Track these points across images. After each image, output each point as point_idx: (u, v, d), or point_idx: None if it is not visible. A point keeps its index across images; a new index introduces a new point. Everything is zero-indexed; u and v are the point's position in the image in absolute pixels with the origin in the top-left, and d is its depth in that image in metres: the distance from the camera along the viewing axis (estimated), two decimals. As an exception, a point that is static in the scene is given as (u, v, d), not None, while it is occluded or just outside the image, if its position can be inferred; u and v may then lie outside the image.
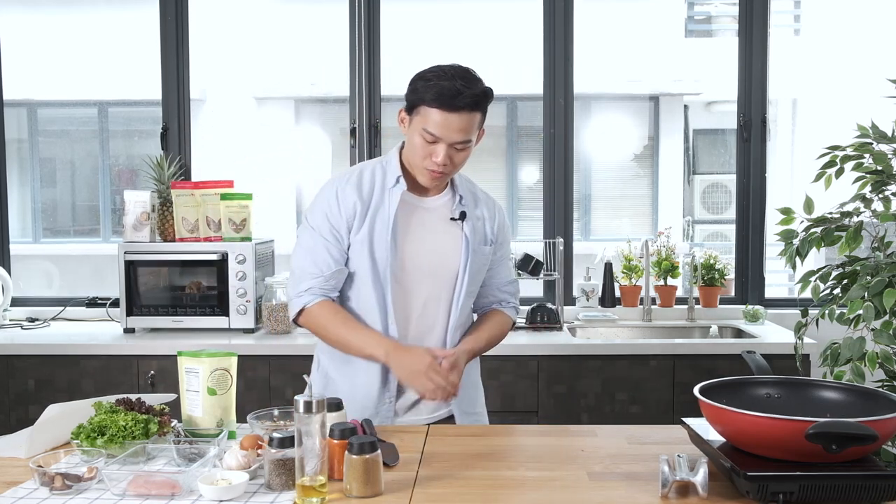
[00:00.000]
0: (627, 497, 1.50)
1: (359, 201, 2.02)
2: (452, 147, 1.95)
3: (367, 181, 2.05)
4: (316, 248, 2.03)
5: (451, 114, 1.91)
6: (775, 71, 3.82)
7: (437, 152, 1.95)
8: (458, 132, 1.93)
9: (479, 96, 1.94)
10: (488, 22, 5.70)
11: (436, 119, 1.92)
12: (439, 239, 2.07)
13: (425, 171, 1.99)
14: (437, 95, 1.91)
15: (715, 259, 3.75)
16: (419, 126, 1.95)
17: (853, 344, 2.51)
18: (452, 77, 1.92)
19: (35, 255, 5.76)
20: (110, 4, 5.74)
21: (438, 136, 1.93)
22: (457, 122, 1.92)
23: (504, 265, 2.24)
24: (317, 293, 2.03)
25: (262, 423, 1.83)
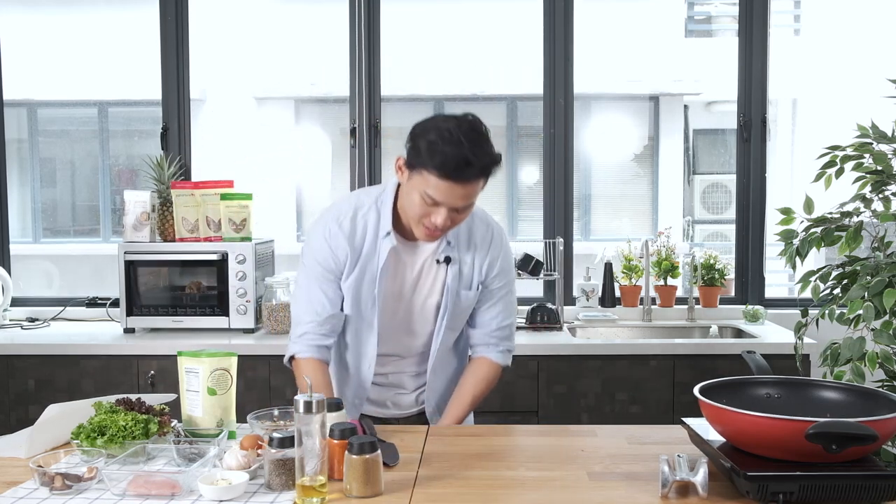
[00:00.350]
0: (627, 497, 1.50)
1: (349, 250, 1.99)
2: (454, 210, 1.87)
3: (359, 228, 2.00)
4: (311, 292, 2.03)
5: (457, 183, 1.81)
6: (775, 71, 3.82)
7: (437, 214, 1.86)
8: (462, 199, 1.84)
9: (489, 166, 1.84)
10: (488, 22, 5.70)
11: (440, 187, 1.81)
12: (420, 281, 2.05)
13: (421, 228, 1.91)
14: (442, 164, 1.79)
15: (715, 259, 3.75)
16: (419, 187, 1.84)
17: (853, 344, 2.51)
18: (459, 143, 1.79)
19: (35, 255, 5.76)
20: (110, 4, 5.74)
21: (441, 201, 1.84)
22: (462, 190, 1.83)
23: (495, 305, 2.12)
24: (310, 342, 2.02)
25: (262, 423, 1.83)
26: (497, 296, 2.12)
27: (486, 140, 1.85)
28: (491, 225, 2.11)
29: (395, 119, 4.92)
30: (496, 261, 2.09)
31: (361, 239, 2.00)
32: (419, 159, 1.82)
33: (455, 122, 1.83)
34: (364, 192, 2.07)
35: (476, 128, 1.84)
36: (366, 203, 2.02)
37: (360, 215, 2.01)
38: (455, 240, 2.03)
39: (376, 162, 3.83)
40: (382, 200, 2.01)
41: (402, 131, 2.01)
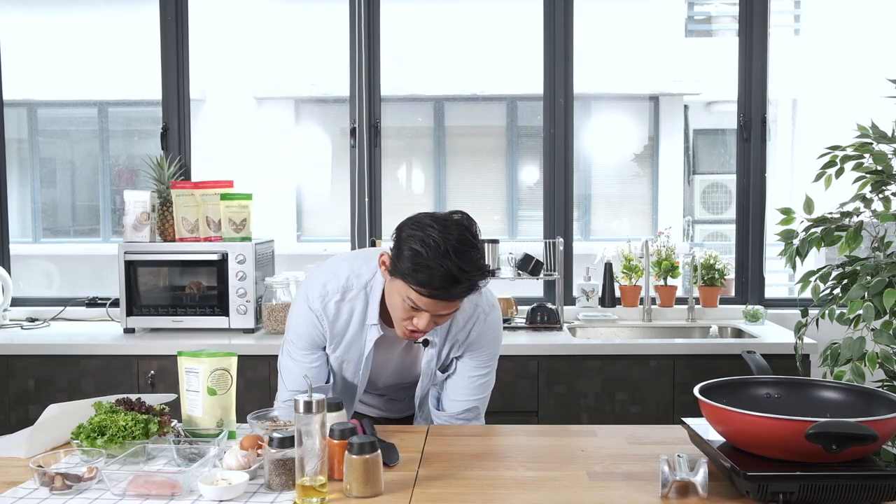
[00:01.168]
0: (627, 497, 1.50)
1: (330, 333, 1.96)
2: (437, 315, 1.79)
3: (344, 313, 1.94)
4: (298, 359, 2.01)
5: (442, 301, 1.74)
6: (775, 71, 3.82)
7: (419, 319, 1.78)
8: (445, 309, 1.77)
9: (476, 283, 1.74)
10: (488, 22, 5.70)
11: (422, 300, 1.74)
12: (402, 360, 2.04)
13: (403, 328, 1.83)
14: (427, 282, 1.70)
15: (715, 259, 3.75)
16: (402, 292, 1.76)
17: (853, 344, 2.51)
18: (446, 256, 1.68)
19: (35, 255, 5.75)
20: (110, 4, 5.74)
21: (424, 310, 1.76)
22: (446, 303, 1.75)
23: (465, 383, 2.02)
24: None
25: (262, 423, 1.83)
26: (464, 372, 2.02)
27: (475, 250, 1.73)
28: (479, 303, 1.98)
29: (395, 119, 4.91)
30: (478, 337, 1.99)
31: (345, 324, 1.95)
32: (402, 270, 1.73)
33: (441, 230, 1.71)
34: (354, 271, 1.95)
35: (464, 237, 1.73)
36: (355, 286, 1.93)
37: (348, 299, 1.93)
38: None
39: (376, 162, 3.83)
40: (372, 287, 1.93)
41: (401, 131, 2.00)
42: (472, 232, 1.75)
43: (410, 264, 1.71)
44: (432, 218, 1.75)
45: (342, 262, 1.99)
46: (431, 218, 1.75)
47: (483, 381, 2.04)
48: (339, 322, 1.94)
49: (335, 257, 2.06)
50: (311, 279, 1.99)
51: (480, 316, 1.97)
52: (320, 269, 2.01)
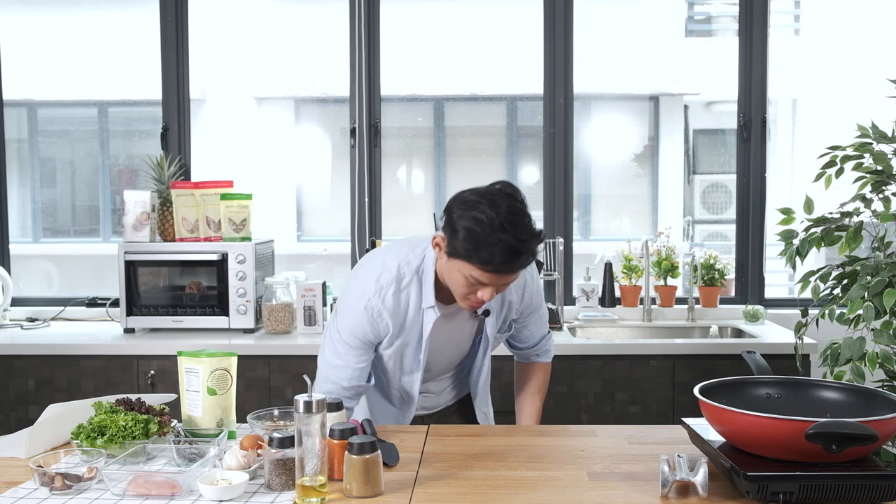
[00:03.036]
0: (627, 497, 1.50)
1: (391, 326, 1.96)
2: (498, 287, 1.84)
3: (402, 302, 1.95)
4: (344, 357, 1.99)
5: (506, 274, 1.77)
6: (775, 71, 3.82)
7: (483, 292, 1.81)
8: (510, 280, 1.82)
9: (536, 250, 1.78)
10: (488, 22, 5.70)
11: (486, 276, 1.77)
12: (460, 337, 2.08)
13: (466, 302, 1.87)
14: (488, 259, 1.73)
15: (715, 259, 3.75)
16: (463, 270, 1.79)
17: (853, 344, 2.51)
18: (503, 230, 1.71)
19: (35, 255, 5.75)
20: (110, 4, 5.74)
21: (487, 284, 1.79)
22: (510, 276, 1.80)
23: (536, 324, 2.21)
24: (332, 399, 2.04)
25: (262, 423, 1.83)
26: (531, 319, 2.18)
27: (526, 217, 1.77)
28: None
29: (395, 119, 4.91)
30: (531, 295, 2.12)
31: (404, 313, 1.97)
32: (459, 251, 1.75)
33: (490, 204, 1.73)
34: (404, 259, 1.97)
35: (514, 207, 1.75)
36: (407, 274, 1.96)
37: (403, 286, 1.95)
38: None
39: (376, 162, 3.83)
40: (423, 270, 1.96)
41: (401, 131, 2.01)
42: (520, 199, 1.78)
43: (469, 244, 1.73)
44: (477, 194, 1.77)
45: (388, 254, 2.00)
46: (476, 194, 1.77)
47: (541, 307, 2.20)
48: (399, 311, 1.96)
49: (378, 250, 2.07)
50: (361, 276, 1.99)
51: (528, 277, 2.08)
52: (368, 265, 2.01)
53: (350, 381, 1.99)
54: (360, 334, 1.97)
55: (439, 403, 2.24)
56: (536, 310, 2.17)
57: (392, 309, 1.94)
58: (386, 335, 1.98)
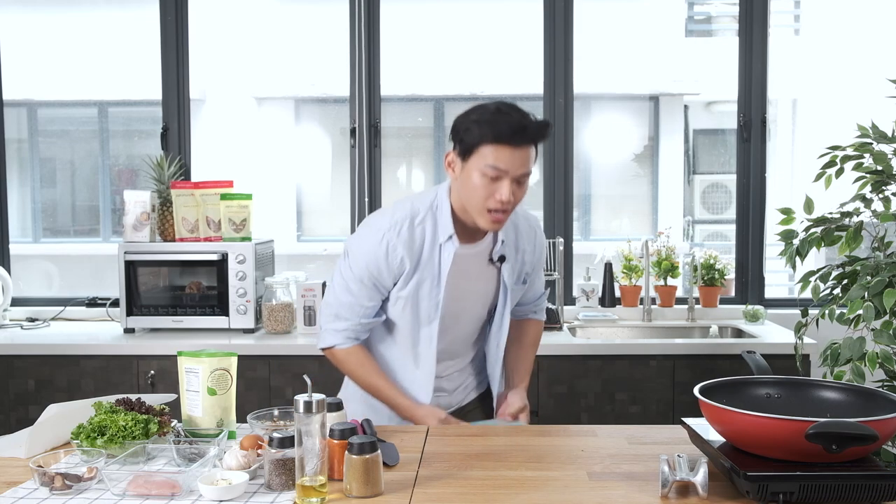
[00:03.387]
0: (627, 497, 1.50)
1: (408, 259, 1.98)
2: (515, 182, 1.90)
3: (418, 236, 1.99)
4: (356, 295, 2.03)
5: (518, 148, 1.87)
6: (775, 71, 3.82)
7: (501, 189, 1.88)
8: (523, 165, 1.89)
9: (544, 128, 1.91)
10: (488, 22, 5.70)
11: (502, 155, 1.86)
12: (477, 283, 2.08)
13: (486, 214, 1.92)
14: (499, 133, 1.86)
15: (715, 259, 3.75)
16: (479, 165, 1.88)
17: (853, 344, 2.52)
18: (509, 113, 1.88)
19: (35, 255, 5.75)
20: (110, 4, 5.74)
21: (505, 169, 1.87)
22: (520, 155, 1.88)
23: (538, 280, 2.28)
24: (350, 336, 2.08)
25: (262, 423, 1.83)
26: (535, 276, 2.25)
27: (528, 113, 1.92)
28: (529, 219, 2.20)
29: (395, 119, 4.91)
30: (541, 250, 2.23)
31: (420, 247, 1.99)
32: (474, 139, 1.88)
33: (493, 103, 1.91)
34: (415, 200, 2.04)
35: (516, 105, 1.92)
36: (420, 211, 2.01)
37: (417, 222, 1.99)
38: (507, 238, 2.08)
39: (376, 162, 3.83)
40: (437, 205, 2.01)
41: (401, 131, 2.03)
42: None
43: (479, 129, 1.87)
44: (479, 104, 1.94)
45: (399, 201, 2.06)
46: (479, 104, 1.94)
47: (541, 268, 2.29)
48: (415, 247, 1.98)
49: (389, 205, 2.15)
50: (373, 219, 2.05)
51: (537, 231, 2.20)
52: (378, 211, 2.10)
53: (366, 316, 2.05)
54: (375, 270, 1.99)
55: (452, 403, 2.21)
56: (540, 265, 2.26)
57: (407, 243, 1.97)
58: (401, 273, 1.99)
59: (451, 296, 2.04)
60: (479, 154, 1.88)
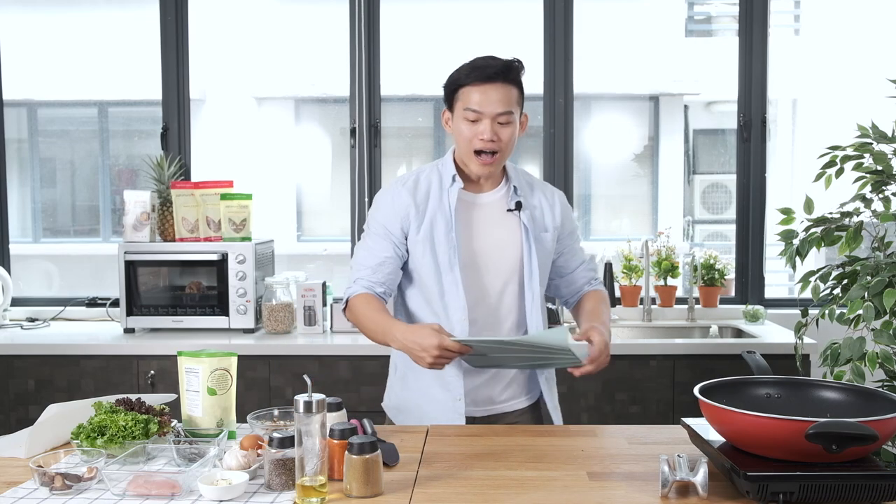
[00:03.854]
0: (627, 497, 1.50)
1: (412, 205, 2.08)
2: (496, 122, 2.01)
3: (423, 185, 2.12)
4: (371, 248, 2.11)
5: (487, 85, 1.99)
6: (775, 71, 3.82)
7: (482, 130, 2.00)
8: (497, 103, 1.99)
9: (508, 64, 2.01)
10: (488, 22, 5.69)
11: (474, 96, 2.00)
12: (497, 233, 2.12)
13: (474, 158, 2.04)
14: (470, 71, 2.01)
15: (715, 259, 3.75)
16: (460, 111, 2.03)
17: (853, 344, 2.51)
18: (484, 57, 2.03)
19: (35, 255, 5.75)
20: (110, 4, 5.74)
21: (479, 110, 2.00)
22: (494, 93, 1.99)
23: (577, 249, 2.29)
24: (363, 284, 2.09)
25: (262, 423, 1.83)
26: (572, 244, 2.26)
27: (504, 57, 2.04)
28: (548, 184, 2.28)
29: (395, 119, 4.91)
30: (566, 210, 2.23)
31: (426, 194, 2.10)
32: (452, 84, 2.04)
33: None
34: (425, 165, 2.20)
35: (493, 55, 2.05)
36: (426, 168, 2.17)
37: (423, 176, 2.14)
38: (520, 187, 2.15)
39: (376, 162, 3.83)
40: (443, 162, 2.16)
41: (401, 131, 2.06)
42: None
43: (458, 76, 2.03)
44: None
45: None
46: None
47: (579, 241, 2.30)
48: (419, 193, 2.10)
49: None
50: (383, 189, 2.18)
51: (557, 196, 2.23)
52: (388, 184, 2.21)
53: (376, 261, 2.08)
54: (384, 219, 2.10)
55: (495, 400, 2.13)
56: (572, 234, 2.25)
57: (412, 190, 2.10)
58: (408, 219, 2.08)
59: (470, 242, 2.09)
60: (458, 102, 2.03)
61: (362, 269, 2.11)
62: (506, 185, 2.16)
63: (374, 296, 2.08)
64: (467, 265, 2.08)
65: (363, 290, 2.08)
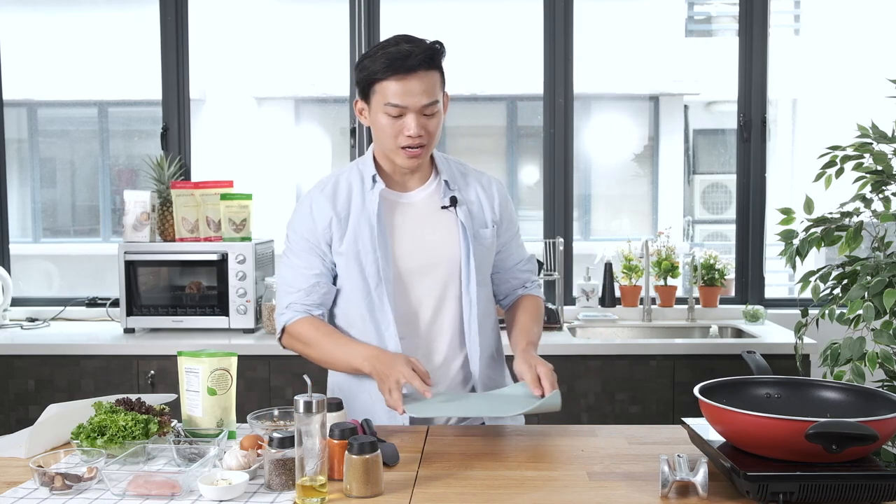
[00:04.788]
0: (627, 497, 1.50)
1: (333, 214, 1.92)
2: (421, 114, 1.83)
3: (342, 189, 1.94)
4: (294, 266, 1.96)
5: (408, 77, 1.80)
6: (775, 71, 3.82)
7: (407, 125, 1.83)
8: (421, 95, 1.82)
9: (430, 51, 1.83)
10: (488, 22, 5.70)
11: (394, 89, 1.80)
12: (431, 233, 1.94)
13: (400, 152, 1.86)
14: (387, 64, 1.80)
15: (715, 259, 3.75)
16: (380, 104, 1.83)
17: (853, 344, 2.51)
18: (396, 43, 1.82)
19: (35, 255, 5.76)
20: (110, 4, 5.74)
21: (403, 104, 1.81)
22: (416, 84, 1.81)
23: (515, 244, 2.09)
24: (298, 309, 1.95)
25: (262, 423, 1.82)
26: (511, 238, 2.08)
27: (421, 38, 1.86)
28: (484, 173, 2.07)
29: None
30: (505, 202, 2.04)
31: (346, 198, 1.93)
32: (366, 75, 1.83)
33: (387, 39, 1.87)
34: (344, 167, 2.03)
35: (407, 34, 1.86)
36: (345, 170, 1.99)
37: (343, 178, 1.96)
38: (452, 180, 1.98)
39: (376, 162, 3.82)
40: (363, 160, 1.98)
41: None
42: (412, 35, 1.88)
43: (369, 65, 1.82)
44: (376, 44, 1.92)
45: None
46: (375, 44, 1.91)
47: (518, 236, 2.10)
48: (340, 198, 1.93)
49: None
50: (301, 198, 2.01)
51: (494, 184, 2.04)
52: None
53: (306, 281, 1.93)
54: (306, 233, 1.93)
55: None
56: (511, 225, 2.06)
57: (331, 196, 1.93)
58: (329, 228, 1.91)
59: (402, 251, 1.92)
60: (375, 94, 1.84)
61: (293, 292, 1.94)
62: (435, 178, 1.98)
63: (318, 319, 1.95)
64: (397, 276, 1.92)
65: (301, 316, 1.94)
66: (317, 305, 1.96)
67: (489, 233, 1.99)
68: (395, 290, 1.92)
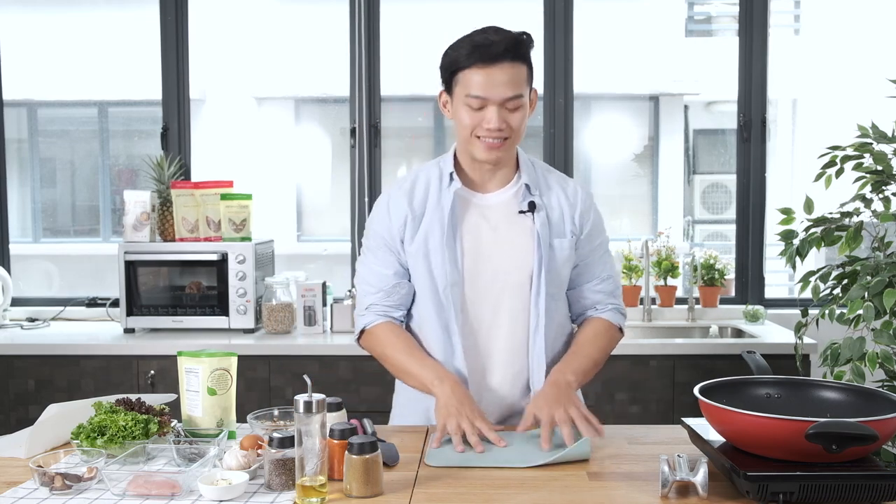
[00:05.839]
0: (627, 497, 1.50)
1: (409, 210, 1.86)
2: (503, 108, 1.77)
3: (420, 187, 1.89)
4: (373, 265, 1.92)
5: (492, 67, 1.74)
6: (775, 71, 3.81)
7: (487, 117, 1.76)
8: (504, 86, 1.75)
9: (515, 41, 1.77)
10: (488, 22, 5.71)
11: (477, 79, 1.74)
12: (504, 238, 1.86)
13: (477, 142, 1.79)
14: (470, 52, 1.75)
15: (715, 259, 3.75)
16: (461, 96, 1.77)
17: (853, 344, 2.52)
18: (483, 32, 1.78)
19: (35, 255, 5.76)
20: (110, 4, 5.74)
21: (484, 96, 1.75)
22: (500, 75, 1.75)
23: (597, 261, 1.95)
24: (378, 312, 1.91)
25: (262, 423, 1.82)
26: (592, 252, 1.94)
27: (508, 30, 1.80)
28: (570, 180, 1.97)
29: (395, 119, 4.90)
30: (589, 212, 1.92)
31: (423, 195, 1.87)
32: (450, 64, 1.79)
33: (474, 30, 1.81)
34: (426, 164, 1.97)
35: (495, 26, 1.81)
36: (426, 167, 1.94)
37: (422, 175, 1.91)
38: (534, 184, 1.88)
39: (376, 162, 3.83)
40: (444, 158, 1.92)
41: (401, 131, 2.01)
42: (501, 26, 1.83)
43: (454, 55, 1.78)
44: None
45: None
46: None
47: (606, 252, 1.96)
48: (416, 195, 1.88)
49: None
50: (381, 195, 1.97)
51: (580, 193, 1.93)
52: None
53: (386, 281, 1.88)
54: (383, 230, 1.89)
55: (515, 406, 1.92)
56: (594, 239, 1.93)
57: (409, 193, 1.88)
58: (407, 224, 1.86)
59: (472, 254, 1.85)
60: (458, 85, 1.78)
61: (374, 292, 1.90)
62: (517, 182, 1.89)
63: (396, 328, 1.89)
64: (466, 279, 1.85)
65: (381, 320, 1.89)
66: (397, 307, 1.92)
67: (566, 243, 1.88)
68: (462, 295, 1.86)
